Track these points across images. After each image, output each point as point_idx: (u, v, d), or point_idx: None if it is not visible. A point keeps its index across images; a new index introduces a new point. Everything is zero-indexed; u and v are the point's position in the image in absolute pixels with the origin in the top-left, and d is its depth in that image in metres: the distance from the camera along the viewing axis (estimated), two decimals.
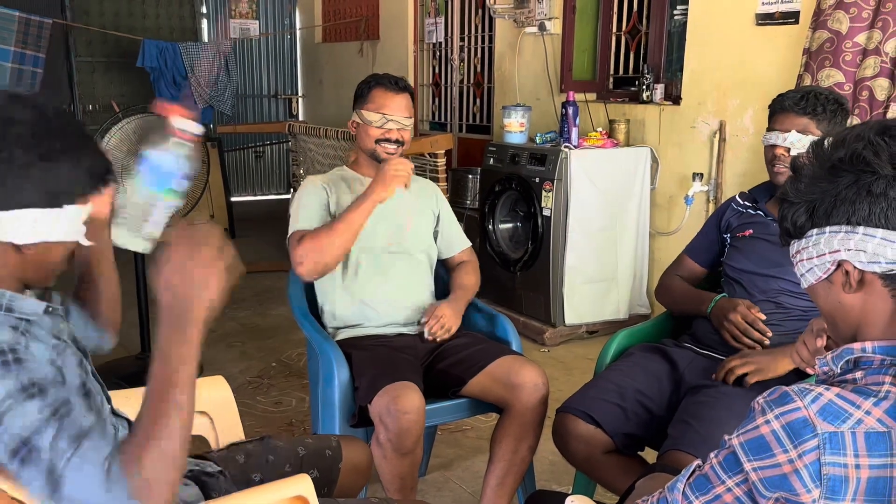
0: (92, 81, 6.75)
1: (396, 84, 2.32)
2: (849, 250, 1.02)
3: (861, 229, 1.01)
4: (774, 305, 2.02)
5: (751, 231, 2.16)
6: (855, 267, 1.02)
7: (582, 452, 1.96)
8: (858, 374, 1.01)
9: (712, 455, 1.07)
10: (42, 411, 1.06)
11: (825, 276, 1.06)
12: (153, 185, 1.60)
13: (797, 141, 2.01)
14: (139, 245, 1.61)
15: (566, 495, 1.38)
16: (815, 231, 1.05)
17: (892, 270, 1.00)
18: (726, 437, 1.05)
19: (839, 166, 1.02)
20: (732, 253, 2.19)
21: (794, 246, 1.10)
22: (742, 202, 2.24)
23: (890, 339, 1.02)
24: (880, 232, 1.00)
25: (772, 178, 2.13)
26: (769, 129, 2.10)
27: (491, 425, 2.26)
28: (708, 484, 1.06)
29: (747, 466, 1.00)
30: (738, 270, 2.13)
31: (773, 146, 2.07)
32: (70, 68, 5.95)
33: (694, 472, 1.09)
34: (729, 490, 1.03)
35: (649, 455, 2.01)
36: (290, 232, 2.27)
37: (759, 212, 2.18)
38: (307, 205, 2.30)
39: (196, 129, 1.68)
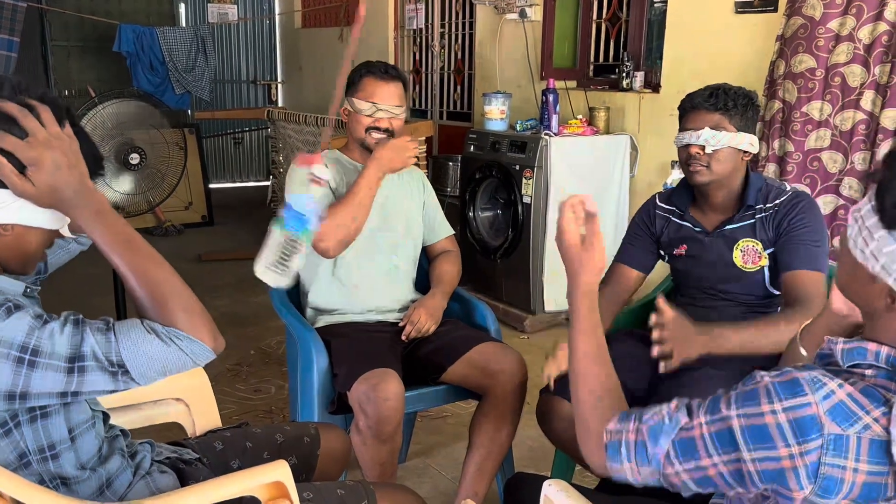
0: (67, 66, 6.66)
1: (387, 72, 2.29)
2: (892, 275, 0.95)
3: None
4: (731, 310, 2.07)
5: (685, 248, 2.12)
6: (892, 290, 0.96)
7: (565, 432, 1.98)
8: (868, 372, 0.99)
9: (703, 419, 1.02)
10: (65, 327, 1.13)
11: (871, 275, 0.99)
12: (295, 228, 1.88)
13: (711, 137, 1.97)
14: (283, 281, 1.91)
15: (545, 479, 1.39)
16: (886, 231, 0.95)
17: None
18: (722, 403, 1.01)
19: None
20: (674, 271, 2.21)
21: (870, 219, 0.98)
22: (664, 206, 2.20)
23: None
24: None
25: (688, 179, 2.07)
26: (681, 131, 2.06)
27: (471, 412, 2.27)
28: (695, 452, 1.02)
29: (746, 455, 0.97)
30: (683, 286, 2.18)
31: (687, 146, 2.02)
32: (45, 52, 5.88)
33: (682, 428, 1.04)
34: (715, 465, 1.01)
35: None
36: None
37: (686, 223, 2.14)
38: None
39: (326, 174, 1.96)
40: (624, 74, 4.31)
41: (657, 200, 2.23)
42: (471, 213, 4.51)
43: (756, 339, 1.84)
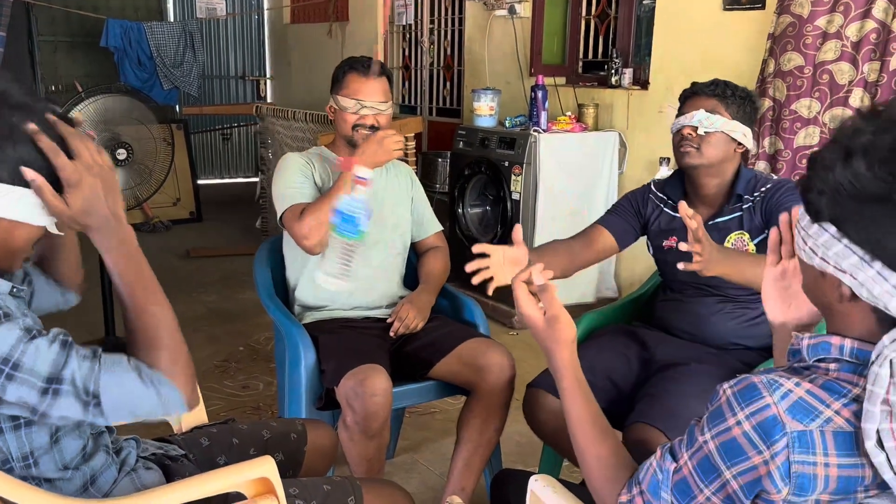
0: (54, 61, 6.62)
1: (371, 68, 2.29)
2: (854, 279, 0.93)
3: (878, 266, 0.91)
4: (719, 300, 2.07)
5: (675, 239, 2.10)
6: (852, 291, 0.95)
7: (550, 425, 1.98)
8: (832, 366, 0.99)
9: (686, 456, 1.03)
10: (52, 345, 1.14)
11: (820, 270, 0.98)
12: (349, 232, 1.94)
13: (705, 119, 1.97)
14: (341, 285, 2.01)
15: (531, 474, 1.39)
16: (831, 230, 0.94)
17: (888, 312, 0.93)
18: (697, 431, 1.02)
19: (891, 199, 0.89)
20: (661, 265, 2.20)
21: (804, 221, 0.99)
22: (658, 194, 2.18)
23: (865, 339, 0.98)
24: (895, 278, 0.91)
25: (677, 161, 2.07)
26: (677, 118, 2.06)
27: (459, 407, 2.27)
28: (690, 491, 1.02)
29: (727, 474, 0.97)
30: (671, 279, 2.15)
31: (681, 129, 2.02)
32: (32, 47, 5.83)
33: (674, 473, 1.04)
34: (708, 499, 1.01)
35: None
36: (281, 209, 2.19)
37: (678, 215, 2.12)
38: (295, 180, 2.23)
39: (369, 174, 1.99)
40: (612, 71, 4.32)
41: (652, 187, 2.22)
42: (460, 210, 4.51)
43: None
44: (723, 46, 3.75)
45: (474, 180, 4.42)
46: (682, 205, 1.71)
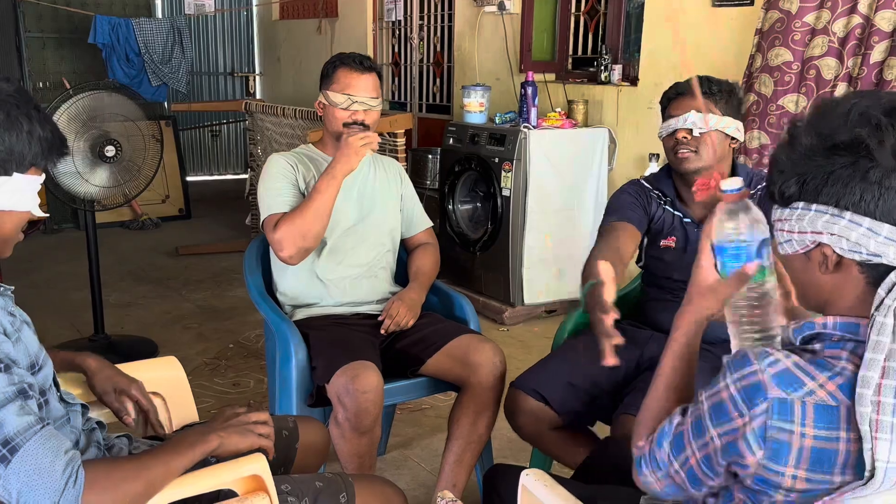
0: (42, 58, 6.56)
1: (362, 64, 2.27)
2: (832, 234, 0.99)
3: (848, 215, 0.98)
4: None
5: (674, 239, 2.08)
6: (834, 251, 1.01)
7: (530, 427, 2.00)
8: (818, 346, 1.03)
9: (689, 414, 1.08)
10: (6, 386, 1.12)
11: (803, 251, 1.04)
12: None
13: (699, 120, 1.93)
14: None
15: (523, 469, 1.40)
16: (801, 204, 1.02)
17: (871, 260, 0.99)
18: (700, 394, 1.07)
19: (839, 146, 0.98)
20: (653, 263, 2.14)
21: (777, 213, 1.07)
22: (654, 191, 2.13)
23: (852, 315, 1.03)
24: (867, 221, 0.97)
25: (675, 167, 2.03)
26: (665, 120, 2.02)
27: (450, 404, 2.28)
28: (683, 446, 1.08)
29: (713, 432, 1.02)
30: (665, 279, 2.11)
31: (674, 132, 1.98)
32: (19, 43, 5.78)
33: (676, 426, 1.10)
34: (693, 454, 1.06)
35: (602, 429, 2.04)
36: (262, 216, 2.22)
37: (677, 212, 2.09)
38: (276, 186, 2.23)
39: (739, 183, 1.24)
40: (602, 67, 4.33)
41: (645, 183, 2.16)
42: (450, 206, 4.51)
43: None
44: (712, 42, 3.76)
45: (464, 177, 4.42)
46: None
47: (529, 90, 4.11)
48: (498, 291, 4.27)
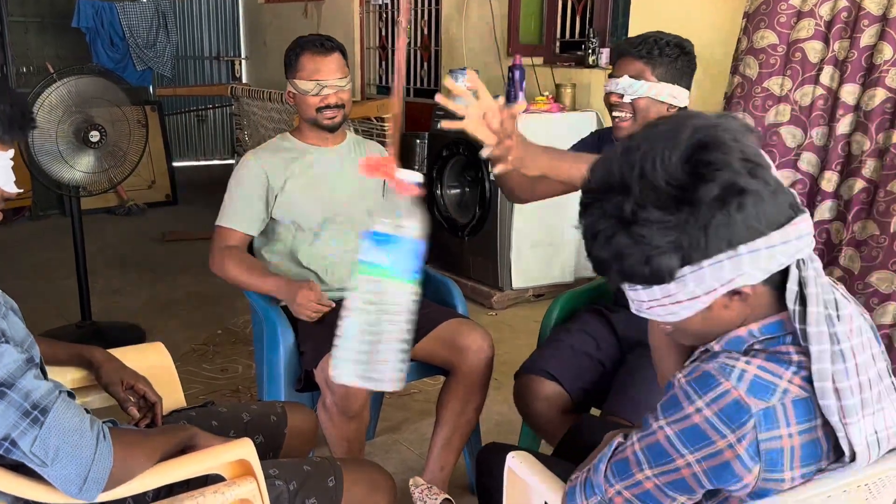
0: (25, 42, 6.48)
1: (323, 45, 2.24)
2: (742, 274, 0.96)
3: (743, 248, 0.94)
4: None
5: None
6: (750, 286, 0.98)
7: (544, 413, 1.98)
8: (757, 346, 1.02)
9: (635, 438, 1.05)
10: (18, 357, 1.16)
11: (705, 307, 1.00)
12: (401, 276, 1.36)
13: (629, 87, 1.89)
14: (387, 385, 1.44)
15: (515, 447, 1.40)
16: (687, 269, 0.96)
17: (776, 269, 0.98)
18: (651, 418, 1.04)
19: (704, 198, 0.92)
20: None
21: (652, 293, 1.00)
22: (605, 143, 2.09)
23: (766, 316, 1.02)
24: (761, 242, 0.94)
25: (614, 132, 2.01)
26: (609, 76, 1.97)
27: (438, 388, 2.28)
28: (628, 469, 1.04)
29: (689, 458, 0.98)
30: None
31: (609, 94, 1.94)
32: (2, 28, 5.72)
33: (616, 450, 1.08)
34: (649, 479, 1.03)
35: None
36: (219, 219, 2.28)
37: None
38: (243, 195, 2.25)
39: (417, 177, 1.32)
40: (590, 51, 4.32)
41: (599, 139, 2.11)
42: (438, 191, 4.50)
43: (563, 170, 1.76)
44: (699, 26, 3.76)
45: (452, 161, 4.41)
46: (473, 75, 1.56)
47: (517, 74, 4.10)
48: (486, 276, 4.28)
